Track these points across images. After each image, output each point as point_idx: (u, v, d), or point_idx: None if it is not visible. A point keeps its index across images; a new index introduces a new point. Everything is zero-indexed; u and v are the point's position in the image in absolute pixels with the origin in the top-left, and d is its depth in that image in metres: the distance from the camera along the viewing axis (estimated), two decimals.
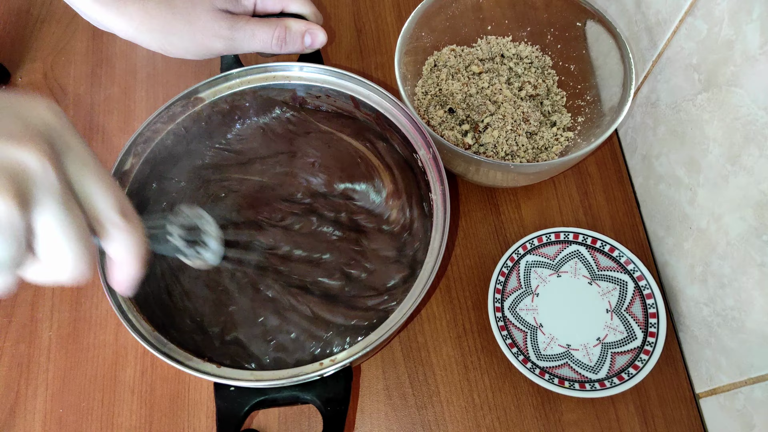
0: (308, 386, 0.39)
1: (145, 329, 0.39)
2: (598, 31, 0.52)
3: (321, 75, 0.47)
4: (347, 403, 0.39)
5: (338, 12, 0.65)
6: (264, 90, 0.48)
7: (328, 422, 0.38)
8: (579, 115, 0.54)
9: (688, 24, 0.44)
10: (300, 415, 0.48)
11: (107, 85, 0.61)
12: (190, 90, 0.46)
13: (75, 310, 0.51)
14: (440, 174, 0.43)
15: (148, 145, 0.45)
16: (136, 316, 0.39)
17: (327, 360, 0.38)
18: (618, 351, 0.47)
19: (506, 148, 0.52)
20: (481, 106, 0.54)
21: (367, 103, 0.47)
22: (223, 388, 0.39)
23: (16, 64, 0.62)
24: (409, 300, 0.39)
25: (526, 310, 0.50)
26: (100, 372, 0.49)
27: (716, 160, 0.42)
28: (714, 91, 0.42)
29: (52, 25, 0.64)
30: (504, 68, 0.57)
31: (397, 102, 0.46)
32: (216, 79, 0.47)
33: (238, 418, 0.38)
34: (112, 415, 0.48)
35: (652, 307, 0.48)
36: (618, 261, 0.50)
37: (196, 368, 0.37)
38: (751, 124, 0.38)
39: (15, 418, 0.47)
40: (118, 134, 0.58)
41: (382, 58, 0.62)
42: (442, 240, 0.41)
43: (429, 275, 0.39)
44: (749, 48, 0.37)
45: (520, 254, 0.51)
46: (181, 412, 0.48)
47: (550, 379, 0.46)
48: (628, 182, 0.56)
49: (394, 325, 0.38)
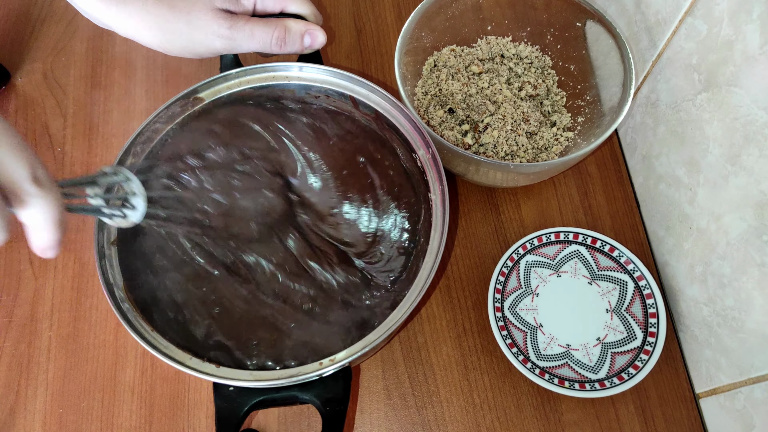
0: (307, 386, 0.39)
1: (145, 329, 0.39)
2: (597, 31, 0.52)
3: (320, 75, 0.48)
4: (346, 403, 0.39)
5: (338, 12, 0.65)
6: (264, 90, 0.48)
7: (328, 422, 0.38)
8: (579, 115, 0.54)
9: (687, 24, 0.44)
10: (300, 415, 0.48)
11: (107, 86, 0.61)
12: (190, 90, 0.46)
13: (75, 309, 0.51)
14: (439, 174, 0.43)
15: (147, 145, 0.45)
16: (135, 316, 0.39)
17: (326, 360, 0.38)
18: (618, 351, 0.47)
19: (506, 148, 0.52)
20: (481, 106, 0.54)
21: (367, 103, 0.47)
22: (223, 387, 0.39)
23: (16, 64, 0.62)
24: (408, 299, 0.39)
25: (526, 310, 0.50)
26: (100, 372, 0.49)
27: (716, 160, 0.42)
28: (714, 91, 0.42)
29: (51, 25, 0.64)
30: (504, 68, 0.57)
31: (396, 102, 0.46)
32: (215, 79, 0.47)
33: (238, 417, 0.38)
34: (112, 415, 0.48)
35: (652, 307, 0.48)
36: (618, 261, 0.50)
37: (195, 368, 0.37)
38: (751, 124, 0.38)
39: (15, 417, 0.47)
40: (118, 134, 0.58)
41: (382, 59, 0.62)
42: (441, 240, 0.41)
43: (428, 275, 0.39)
44: (749, 48, 0.37)
45: (520, 254, 0.51)
46: (181, 412, 0.48)
47: (550, 379, 0.46)
48: (628, 182, 0.56)
49: (393, 325, 0.38)
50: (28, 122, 0.59)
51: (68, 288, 0.52)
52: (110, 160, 0.57)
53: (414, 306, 0.39)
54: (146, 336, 0.38)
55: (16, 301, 0.51)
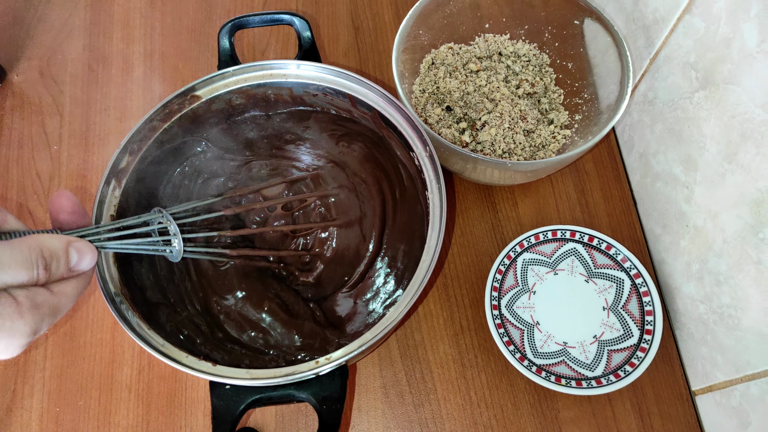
0: (304, 384, 0.39)
1: (142, 328, 0.39)
2: (595, 29, 0.52)
3: (318, 73, 0.47)
4: (343, 401, 0.39)
5: (336, 10, 0.65)
6: (261, 88, 0.48)
7: (324, 420, 0.38)
8: (576, 113, 0.54)
9: (685, 22, 0.44)
10: (297, 413, 0.48)
11: (103, 83, 0.61)
12: (187, 88, 0.46)
13: (72, 309, 0.51)
14: (437, 172, 0.43)
15: (144, 143, 0.44)
16: (133, 315, 0.39)
17: (322, 358, 0.38)
18: (614, 348, 0.48)
19: (503, 146, 0.52)
20: (479, 104, 0.54)
21: (365, 101, 0.46)
22: (219, 386, 0.39)
23: (12, 62, 0.61)
24: (406, 297, 0.39)
25: (523, 308, 0.50)
26: (96, 370, 0.49)
27: (713, 158, 0.42)
28: (711, 89, 0.42)
29: (48, 23, 0.63)
30: (501, 66, 0.57)
31: (394, 100, 0.45)
32: (212, 77, 0.47)
33: (234, 416, 0.38)
34: (109, 413, 0.48)
35: (649, 305, 0.48)
36: (615, 259, 0.50)
37: (191, 366, 0.37)
38: (748, 122, 0.38)
39: (12, 416, 0.47)
40: (114, 132, 0.58)
41: (380, 56, 0.62)
42: (438, 238, 0.41)
43: (425, 272, 0.39)
44: (747, 46, 0.37)
45: (517, 252, 0.51)
46: (178, 411, 0.48)
47: (546, 376, 0.46)
48: (625, 180, 0.56)
49: (390, 323, 0.38)
50: (24, 120, 0.59)
51: None
52: (106, 158, 0.57)
53: (411, 304, 0.39)
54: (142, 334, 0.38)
55: None
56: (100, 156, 0.57)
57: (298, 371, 0.37)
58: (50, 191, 0.55)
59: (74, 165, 0.57)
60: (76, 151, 0.57)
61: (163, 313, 0.43)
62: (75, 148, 0.57)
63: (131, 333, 0.38)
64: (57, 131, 0.58)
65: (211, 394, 0.39)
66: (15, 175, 0.56)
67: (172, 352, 0.38)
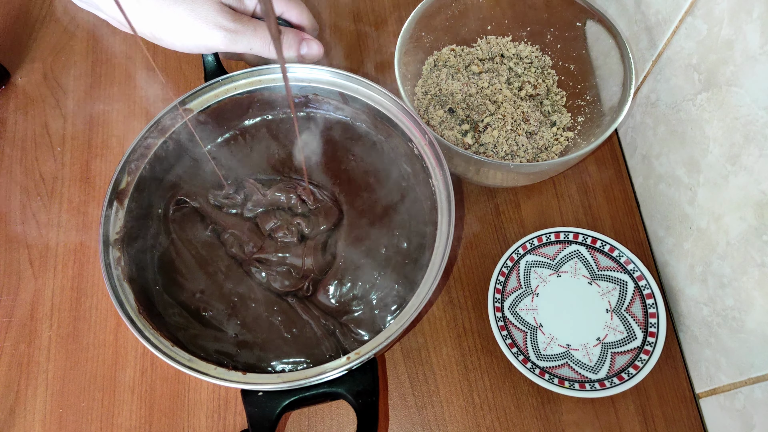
0: (336, 382, 0.38)
1: (148, 330, 0.39)
2: (597, 31, 0.52)
3: (308, 74, 0.47)
4: (377, 393, 0.38)
5: (338, 11, 0.65)
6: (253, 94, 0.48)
7: (362, 414, 0.37)
8: (579, 115, 0.54)
9: (688, 24, 0.44)
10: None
11: (106, 85, 0.61)
12: (177, 102, 0.45)
13: (75, 309, 0.51)
14: (438, 159, 0.43)
15: (141, 161, 0.44)
16: (139, 317, 0.39)
17: (353, 353, 0.38)
18: (618, 351, 0.47)
19: (506, 148, 0.52)
20: (481, 106, 0.54)
21: (357, 98, 0.46)
22: (251, 394, 0.38)
23: (16, 64, 0.62)
24: (426, 284, 0.39)
25: (526, 310, 0.50)
26: (99, 372, 0.49)
27: (716, 160, 0.42)
28: (714, 90, 0.42)
29: (51, 25, 0.64)
30: (504, 68, 0.57)
31: (387, 93, 0.45)
32: (201, 89, 0.46)
33: (271, 421, 0.37)
34: (111, 415, 0.48)
35: (652, 307, 0.48)
36: (618, 261, 0.50)
37: (220, 377, 0.37)
38: (751, 124, 0.38)
39: (15, 417, 0.47)
40: (118, 134, 0.58)
41: (382, 58, 0.62)
42: (449, 222, 0.41)
43: (442, 257, 0.39)
44: (749, 48, 0.37)
45: (520, 254, 0.51)
46: (181, 412, 0.48)
47: (550, 379, 0.46)
48: (628, 182, 0.56)
49: (414, 311, 0.38)
50: (27, 122, 0.59)
51: (68, 288, 0.52)
52: (110, 160, 0.57)
53: (432, 290, 0.39)
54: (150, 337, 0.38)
55: (16, 301, 0.51)
56: (104, 158, 0.57)
57: (329, 369, 0.37)
58: (53, 193, 0.56)
59: (77, 166, 0.57)
60: (79, 152, 0.57)
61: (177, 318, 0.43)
62: (78, 150, 0.58)
63: (138, 335, 0.38)
64: (60, 133, 0.58)
65: (244, 403, 0.38)
66: (18, 176, 0.56)
67: (199, 365, 0.38)
